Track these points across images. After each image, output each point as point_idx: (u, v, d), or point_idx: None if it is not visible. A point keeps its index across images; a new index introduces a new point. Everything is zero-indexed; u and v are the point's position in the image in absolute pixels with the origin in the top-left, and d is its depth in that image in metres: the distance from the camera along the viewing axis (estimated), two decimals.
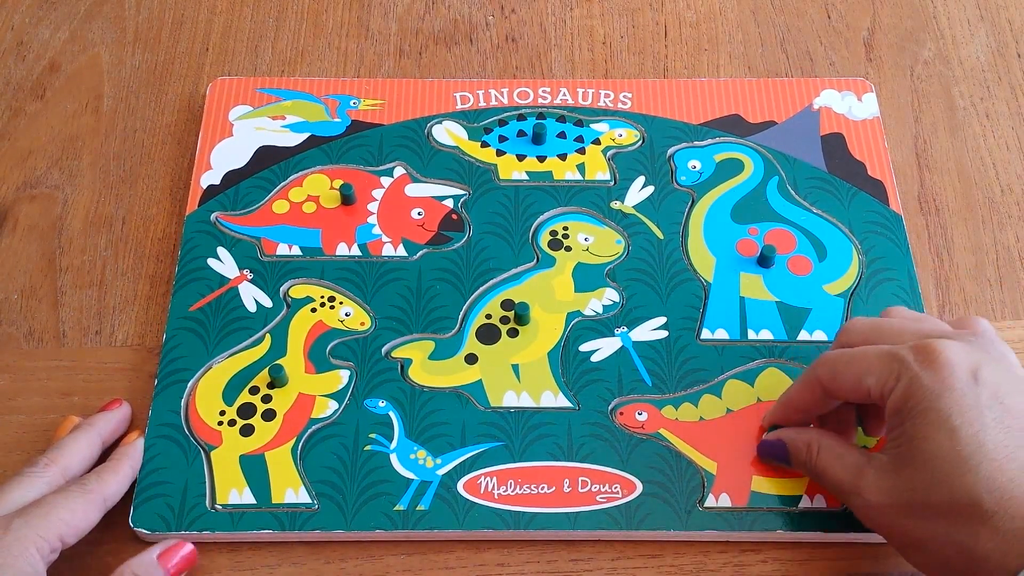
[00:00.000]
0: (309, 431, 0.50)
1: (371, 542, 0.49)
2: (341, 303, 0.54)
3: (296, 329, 0.53)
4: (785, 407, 0.50)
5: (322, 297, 0.54)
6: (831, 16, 0.67)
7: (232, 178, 0.58)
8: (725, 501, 0.48)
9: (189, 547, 0.47)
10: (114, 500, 0.48)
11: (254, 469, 0.49)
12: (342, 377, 0.52)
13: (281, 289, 0.54)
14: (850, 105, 0.61)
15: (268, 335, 0.53)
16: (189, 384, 0.52)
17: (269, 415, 0.51)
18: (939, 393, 0.42)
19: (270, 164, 0.59)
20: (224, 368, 0.52)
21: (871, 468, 0.44)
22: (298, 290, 0.55)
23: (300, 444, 0.50)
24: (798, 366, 0.52)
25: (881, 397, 0.44)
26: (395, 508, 0.48)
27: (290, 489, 0.49)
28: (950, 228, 0.59)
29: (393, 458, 0.49)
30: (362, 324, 0.53)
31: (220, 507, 0.48)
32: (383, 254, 0.56)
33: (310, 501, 0.48)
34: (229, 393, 0.51)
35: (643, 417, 0.51)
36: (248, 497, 0.48)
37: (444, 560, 0.48)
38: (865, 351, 0.45)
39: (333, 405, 0.51)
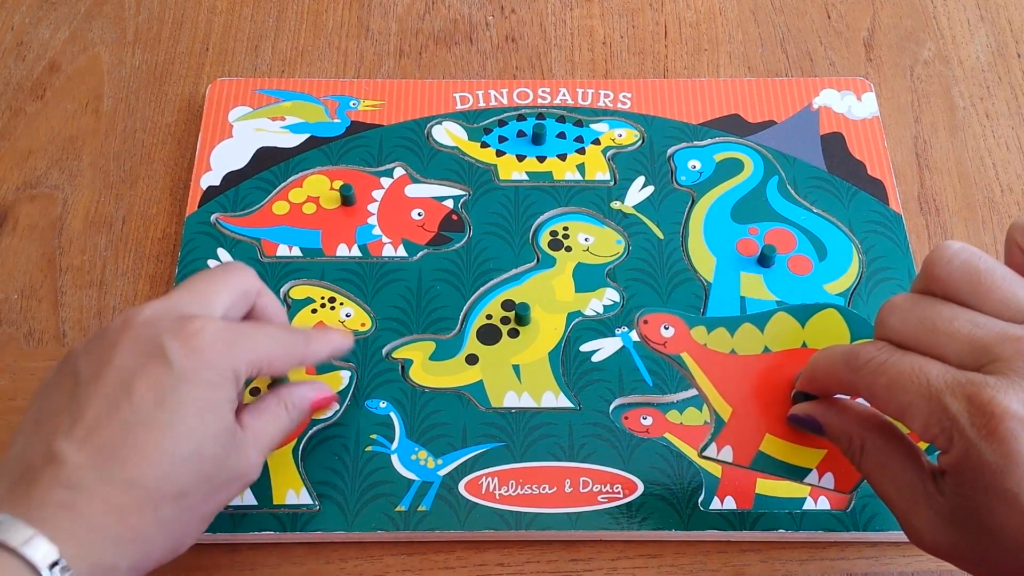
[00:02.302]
0: (310, 432, 0.50)
1: (371, 542, 0.49)
2: (341, 304, 0.54)
3: None
4: (813, 382, 0.43)
5: (322, 298, 0.54)
6: (831, 16, 0.67)
7: (232, 179, 0.58)
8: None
9: (332, 394, 0.48)
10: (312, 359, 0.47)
11: None
12: (343, 378, 0.52)
13: (281, 290, 0.54)
14: (849, 105, 0.61)
15: None
16: None
17: None
18: (1006, 471, 0.35)
19: (270, 165, 0.59)
20: None
21: (927, 506, 0.38)
22: (298, 291, 0.54)
23: (301, 445, 0.50)
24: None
25: (929, 443, 0.39)
26: (396, 509, 0.48)
27: (291, 490, 0.49)
28: (950, 228, 0.59)
29: (394, 459, 0.50)
30: (363, 325, 0.53)
31: None
32: (383, 255, 0.56)
33: (311, 502, 0.48)
34: None
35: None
36: (249, 498, 0.48)
37: (444, 560, 0.48)
38: (907, 378, 0.37)
39: (334, 406, 0.51)
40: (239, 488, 0.43)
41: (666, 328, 0.47)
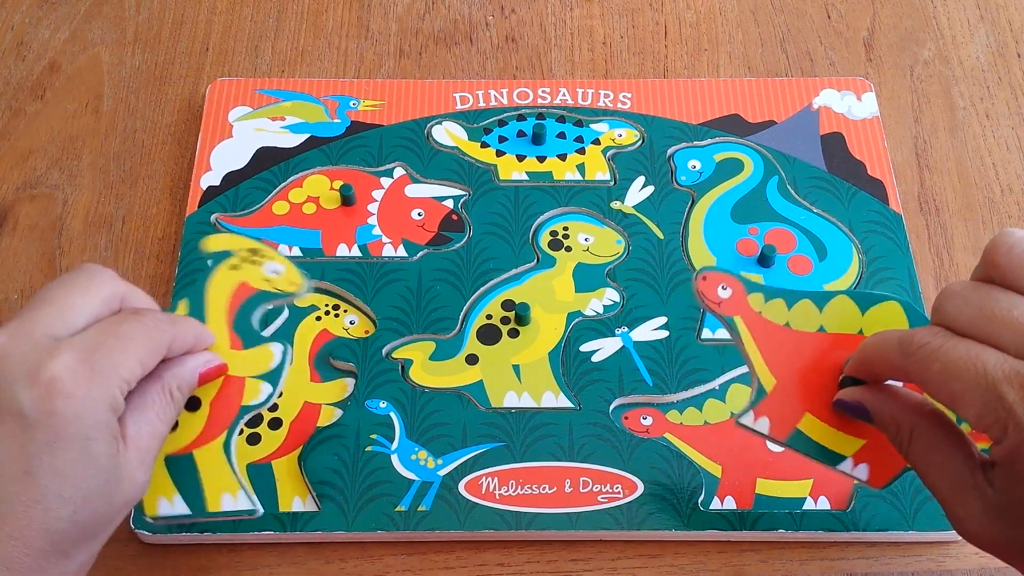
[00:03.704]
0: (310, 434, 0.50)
1: (371, 542, 0.49)
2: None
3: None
4: (863, 366, 0.41)
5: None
6: (831, 16, 0.67)
7: (232, 179, 0.58)
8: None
9: (222, 363, 0.44)
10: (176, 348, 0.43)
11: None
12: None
13: None
14: (849, 105, 0.61)
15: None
16: None
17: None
18: None
19: (270, 165, 0.59)
20: None
21: (975, 497, 0.37)
22: (302, 299, 0.54)
23: (303, 451, 0.50)
24: None
25: (982, 434, 0.37)
26: (396, 509, 0.48)
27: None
28: (950, 228, 0.59)
29: (394, 459, 0.49)
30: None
31: None
32: (383, 255, 0.56)
33: (315, 508, 0.48)
34: None
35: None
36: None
37: (444, 560, 0.48)
38: (963, 364, 0.36)
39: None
40: (124, 516, 0.40)
41: (724, 288, 0.45)
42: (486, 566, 0.48)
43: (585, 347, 0.53)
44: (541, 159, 0.59)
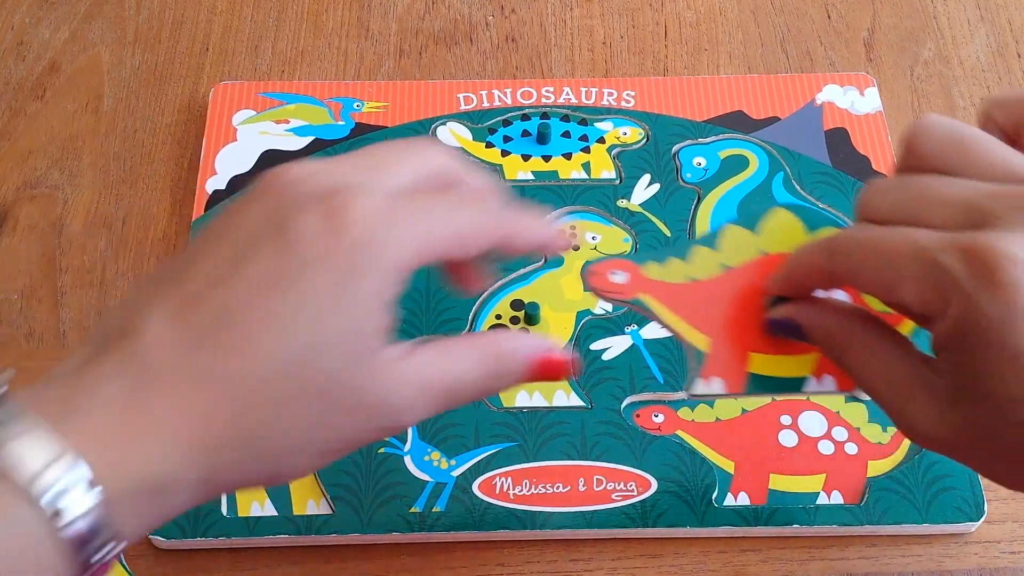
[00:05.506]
0: None
1: (371, 543, 0.48)
2: None
3: None
4: (789, 280, 0.39)
5: None
6: (831, 16, 0.67)
7: (237, 183, 0.58)
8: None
9: (564, 356, 0.37)
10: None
11: None
12: None
13: None
14: (852, 100, 0.61)
15: None
16: None
17: None
18: (1009, 323, 0.31)
19: None
20: None
21: (923, 391, 0.34)
22: None
23: None
24: None
25: (922, 316, 0.35)
26: (411, 510, 0.48)
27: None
28: None
29: (407, 460, 0.49)
30: None
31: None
32: None
33: (329, 511, 0.48)
34: None
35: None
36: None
37: (444, 560, 0.48)
38: (894, 246, 0.33)
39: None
40: (375, 427, 0.33)
41: (614, 274, 0.41)
42: (486, 566, 0.48)
43: (595, 345, 0.53)
44: (546, 158, 0.59)
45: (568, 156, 0.59)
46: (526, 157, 0.59)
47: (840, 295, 0.39)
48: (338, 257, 0.31)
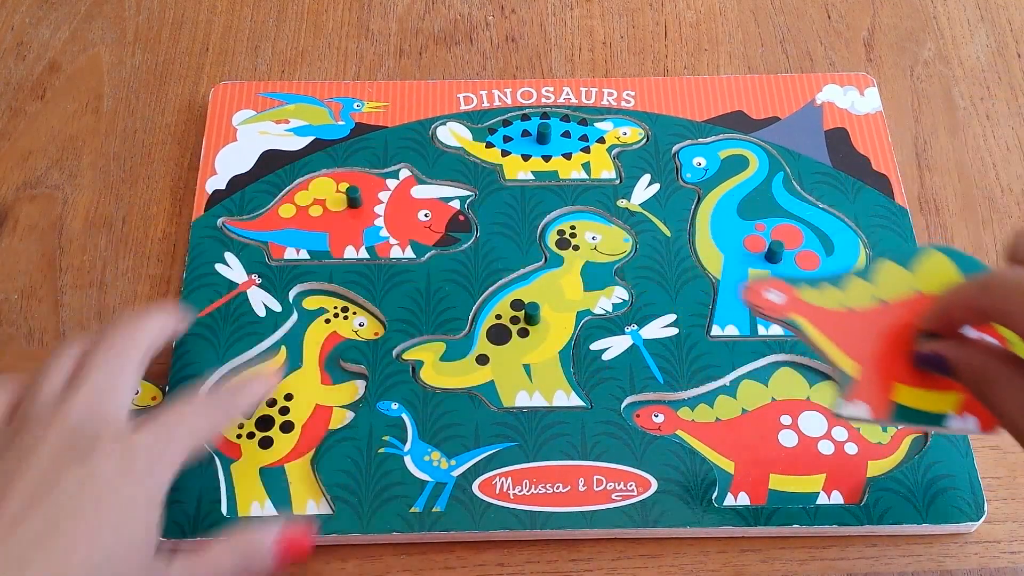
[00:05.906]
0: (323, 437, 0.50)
1: (371, 543, 0.48)
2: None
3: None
4: (942, 316, 0.41)
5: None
6: (831, 16, 0.67)
7: (237, 183, 0.58)
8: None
9: (308, 538, 0.44)
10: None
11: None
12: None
13: (290, 294, 0.54)
14: (852, 100, 0.61)
15: (283, 346, 0.53)
16: None
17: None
18: None
19: (275, 168, 0.58)
20: None
21: None
22: (311, 302, 0.54)
23: (315, 454, 0.50)
24: (810, 363, 0.52)
25: None
26: (411, 510, 0.48)
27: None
28: (950, 228, 0.59)
29: (407, 460, 0.49)
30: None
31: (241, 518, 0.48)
32: (391, 256, 0.55)
33: (329, 512, 0.48)
34: None
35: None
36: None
37: (444, 560, 0.48)
38: None
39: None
40: None
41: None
42: (486, 566, 0.48)
43: (595, 345, 0.53)
44: (546, 158, 0.59)
45: (568, 156, 0.59)
46: (526, 157, 0.59)
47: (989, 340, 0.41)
48: (125, 489, 0.39)
